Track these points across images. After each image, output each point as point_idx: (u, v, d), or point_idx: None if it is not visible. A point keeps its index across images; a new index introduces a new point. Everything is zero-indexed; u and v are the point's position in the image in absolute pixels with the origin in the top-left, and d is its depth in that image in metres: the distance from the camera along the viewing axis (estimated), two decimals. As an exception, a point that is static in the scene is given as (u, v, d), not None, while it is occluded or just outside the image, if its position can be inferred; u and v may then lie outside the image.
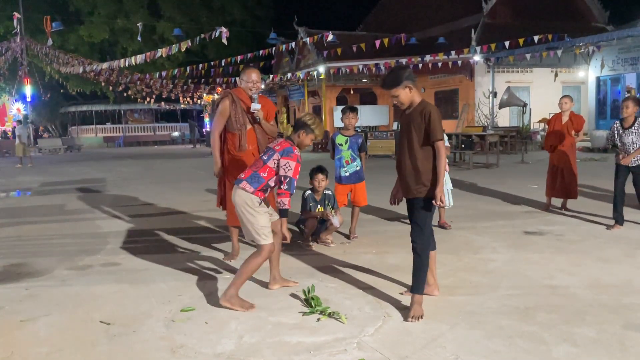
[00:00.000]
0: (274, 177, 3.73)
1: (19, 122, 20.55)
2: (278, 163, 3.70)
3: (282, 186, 3.67)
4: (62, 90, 34.70)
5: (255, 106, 4.79)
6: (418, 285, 3.55)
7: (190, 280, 4.42)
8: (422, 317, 3.42)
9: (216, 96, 31.82)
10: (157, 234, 6.40)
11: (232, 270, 4.65)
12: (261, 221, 3.72)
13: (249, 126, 4.93)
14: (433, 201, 3.49)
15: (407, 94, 3.56)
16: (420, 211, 3.56)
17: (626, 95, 5.57)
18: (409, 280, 3.77)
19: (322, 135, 3.94)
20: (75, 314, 3.69)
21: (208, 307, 3.75)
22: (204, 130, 36.38)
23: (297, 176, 3.72)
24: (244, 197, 3.70)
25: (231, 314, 3.60)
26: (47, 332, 3.40)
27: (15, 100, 33.20)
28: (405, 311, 3.52)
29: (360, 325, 3.35)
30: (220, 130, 4.95)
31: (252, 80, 4.84)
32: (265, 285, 4.18)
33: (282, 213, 3.76)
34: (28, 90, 27.67)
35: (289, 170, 3.66)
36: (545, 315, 3.46)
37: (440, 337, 3.16)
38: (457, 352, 2.96)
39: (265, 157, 3.78)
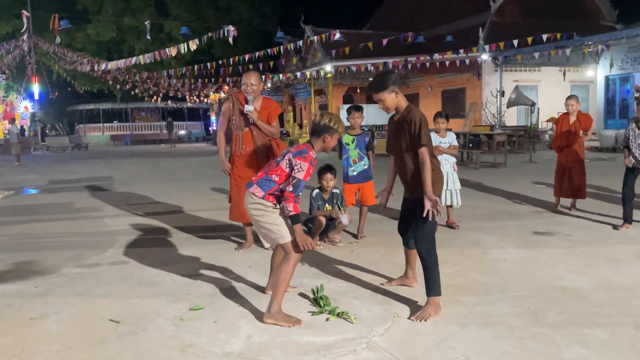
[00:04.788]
0: (287, 180, 3.43)
1: (13, 120, 20.62)
2: (291, 163, 3.40)
3: (288, 187, 3.35)
4: (69, 89, 34.86)
5: (248, 108, 5.01)
6: (431, 287, 3.53)
7: (199, 278, 4.42)
8: (428, 319, 3.39)
9: (222, 95, 31.91)
10: (165, 232, 6.42)
11: (240, 269, 4.66)
12: (273, 219, 3.47)
13: (246, 128, 5.16)
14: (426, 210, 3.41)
15: (393, 99, 3.57)
16: (422, 212, 3.47)
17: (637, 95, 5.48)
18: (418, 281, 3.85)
19: (344, 131, 3.77)
20: (84, 312, 3.70)
21: (217, 306, 3.75)
22: (210, 128, 36.49)
23: (307, 179, 3.40)
24: (254, 201, 3.48)
25: (240, 313, 3.60)
26: (57, 329, 3.40)
27: (23, 99, 33.38)
28: (418, 309, 3.51)
29: (369, 326, 3.34)
30: (224, 130, 5.27)
31: (248, 82, 5.01)
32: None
33: (293, 220, 3.38)
34: (36, 88, 27.79)
35: (299, 171, 3.35)
36: (555, 316, 3.43)
37: (450, 337, 3.15)
38: (467, 353, 2.94)
39: (279, 159, 3.52)
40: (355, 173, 5.81)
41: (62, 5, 31.38)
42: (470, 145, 14.81)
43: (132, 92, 28.65)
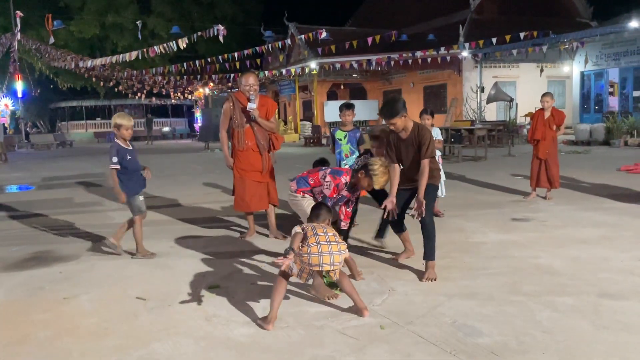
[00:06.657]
0: (318, 188, 4.19)
1: None
2: (325, 177, 4.16)
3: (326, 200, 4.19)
4: (51, 86, 34.74)
5: (251, 105, 5.44)
6: (430, 252, 4.24)
7: (209, 262, 4.84)
8: (435, 279, 4.11)
9: (207, 91, 32.10)
10: (169, 223, 6.80)
11: (246, 254, 5.08)
12: (301, 205, 4.26)
13: (246, 125, 5.59)
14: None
15: (402, 121, 4.26)
16: (428, 195, 4.25)
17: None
18: (406, 261, 4.59)
19: (379, 186, 4.31)
20: (111, 292, 4.11)
21: (231, 285, 4.17)
22: (195, 125, 36.64)
23: (334, 196, 4.21)
24: (290, 192, 4.39)
25: (253, 291, 4.03)
26: (91, 306, 3.81)
27: (4, 96, 33.14)
28: (410, 284, 3.99)
29: (368, 298, 3.79)
30: (226, 128, 5.70)
31: (249, 83, 5.48)
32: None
33: (344, 235, 4.34)
34: (19, 86, 27.68)
35: (326, 188, 4.14)
36: (530, 287, 3.94)
37: (439, 306, 3.62)
38: (455, 317, 3.42)
39: (324, 166, 4.29)
40: (347, 166, 6.26)
41: (45, 2, 31.25)
42: (452, 139, 15.36)
43: (116, 90, 28.69)
